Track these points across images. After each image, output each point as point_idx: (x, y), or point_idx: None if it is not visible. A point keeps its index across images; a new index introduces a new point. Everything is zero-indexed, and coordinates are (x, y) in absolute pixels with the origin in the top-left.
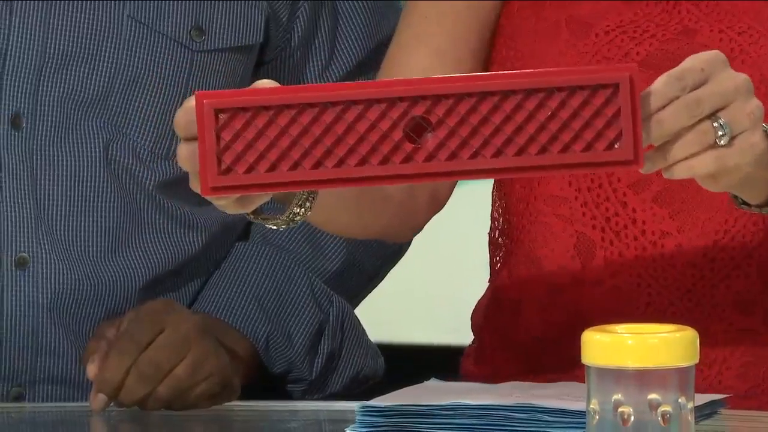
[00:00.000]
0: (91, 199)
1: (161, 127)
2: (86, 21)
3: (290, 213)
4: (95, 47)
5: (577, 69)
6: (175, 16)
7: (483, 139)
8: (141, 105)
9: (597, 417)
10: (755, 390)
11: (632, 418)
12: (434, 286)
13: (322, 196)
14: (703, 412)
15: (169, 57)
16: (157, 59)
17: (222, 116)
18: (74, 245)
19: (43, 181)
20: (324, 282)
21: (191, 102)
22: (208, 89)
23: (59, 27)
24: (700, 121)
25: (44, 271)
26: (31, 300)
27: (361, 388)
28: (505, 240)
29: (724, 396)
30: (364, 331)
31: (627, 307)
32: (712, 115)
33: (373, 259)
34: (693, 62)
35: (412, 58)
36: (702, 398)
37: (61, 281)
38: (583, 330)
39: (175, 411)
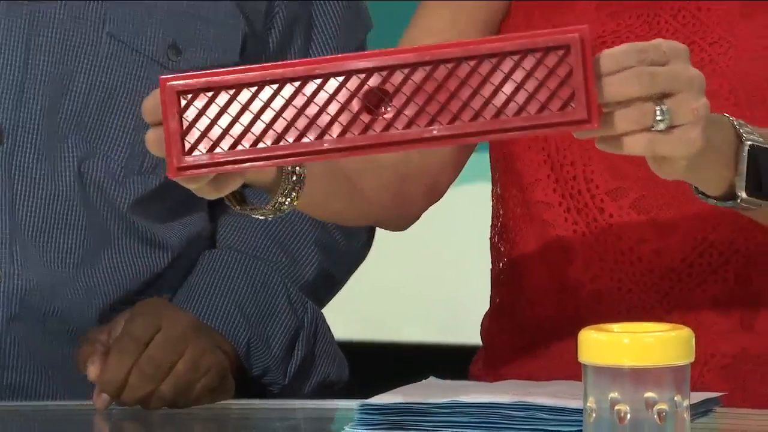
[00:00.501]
0: (63, 216)
1: (135, 145)
2: (67, 37)
3: (276, 202)
4: (73, 63)
5: (529, 33)
6: (153, 34)
7: (439, 107)
8: (115, 122)
9: (594, 415)
10: (737, 390)
11: (629, 416)
12: (430, 285)
13: (311, 184)
14: (699, 410)
15: (145, 75)
16: (132, 77)
17: (184, 98)
18: (45, 262)
19: (20, 197)
20: (298, 289)
21: (158, 89)
22: None
23: (40, 43)
24: (645, 101)
25: (15, 286)
26: (1, 315)
27: (327, 393)
28: (504, 245)
29: (719, 394)
30: (333, 337)
31: (608, 310)
32: (658, 99)
33: (341, 267)
34: (659, 42)
35: None
36: (697, 396)
37: (30, 297)
38: (571, 333)
39: (177, 409)
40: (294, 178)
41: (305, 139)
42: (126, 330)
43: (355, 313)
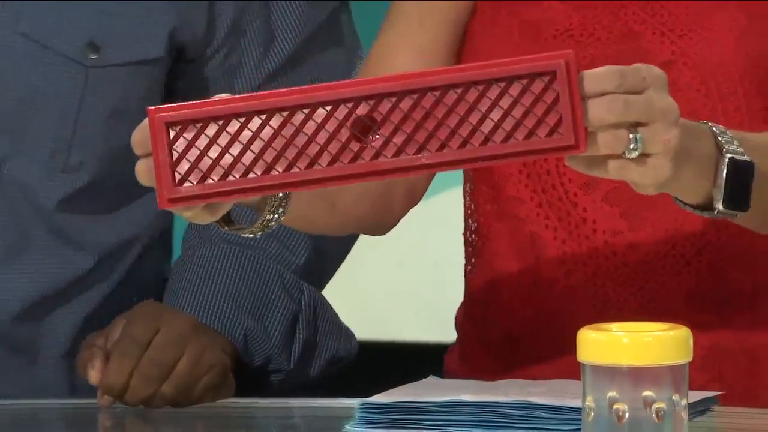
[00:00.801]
0: None
1: (58, 142)
2: None
3: (264, 219)
4: None
5: (515, 59)
6: (68, 33)
7: (427, 134)
8: (36, 121)
9: (592, 414)
10: (714, 381)
11: (627, 415)
12: (430, 285)
13: (296, 199)
14: (697, 409)
15: (63, 73)
16: (50, 76)
17: (173, 129)
18: None
19: None
20: (293, 273)
21: (146, 120)
22: (107, 102)
23: None
24: (618, 128)
25: None
26: None
27: (337, 368)
28: (477, 241)
29: (717, 393)
30: (335, 313)
31: (583, 305)
32: (632, 127)
33: (336, 245)
34: (639, 67)
35: (397, 57)
36: (695, 395)
37: None
38: (546, 328)
39: (180, 408)
40: (281, 195)
41: (295, 169)
42: (126, 332)
43: (356, 313)
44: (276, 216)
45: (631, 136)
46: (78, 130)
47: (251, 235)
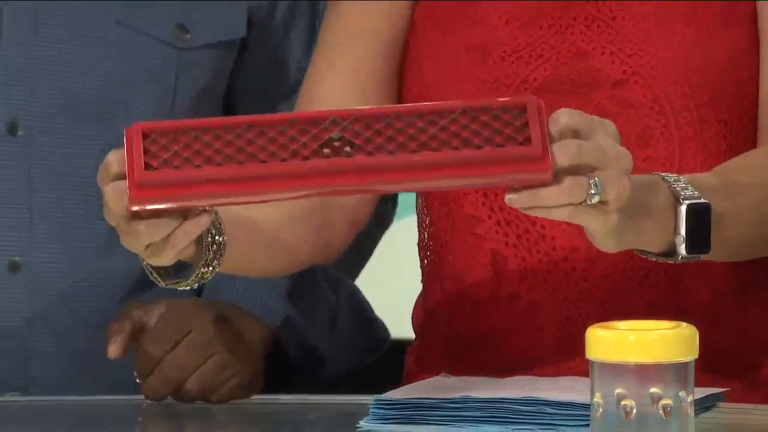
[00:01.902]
0: (85, 204)
1: None
2: (75, 28)
3: (198, 272)
4: (86, 53)
5: (487, 99)
6: (159, 17)
7: (398, 144)
8: (136, 107)
9: (601, 410)
10: None
11: (635, 411)
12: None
13: (232, 249)
14: (702, 405)
15: (157, 57)
16: (145, 60)
17: (148, 134)
18: (66, 249)
19: (38, 187)
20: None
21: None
22: (196, 83)
23: (49, 35)
24: (576, 173)
25: (35, 274)
26: (22, 304)
27: (371, 359)
28: (432, 251)
29: (723, 390)
30: (369, 306)
31: (547, 320)
32: (588, 173)
33: (366, 238)
34: (596, 119)
35: (327, 84)
36: (701, 392)
37: (52, 284)
38: (507, 342)
39: (208, 403)
40: (214, 248)
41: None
42: (156, 328)
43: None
44: (210, 268)
45: (590, 181)
46: (175, 113)
47: (187, 287)
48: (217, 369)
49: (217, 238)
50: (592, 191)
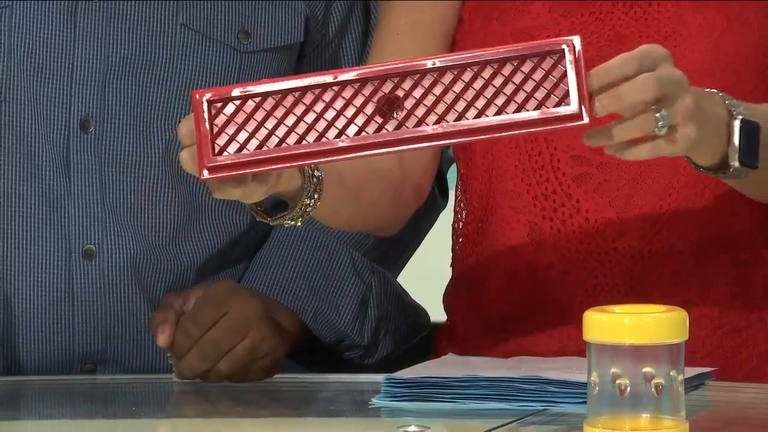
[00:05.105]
0: (153, 194)
1: None
2: (143, 30)
3: (302, 204)
4: (153, 54)
5: (527, 43)
6: (223, 21)
7: (445, 107)
8: None
9: (597, 388)
10: (695, 355)
11: (629, 389)
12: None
13: (326, 189)
14: (692, 384)
15: (220, 60)
16: (209, 62)
17: (214, 107)
18: (137, 237)
19: (109, 180)
20: (363, 255)
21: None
22: None
23: (119, 37)
24: (645, 108)
25: (109, 261)
26: (97, 288)
27: (412, 343)
28: (469, 230)
29: (712, 369)
30: (406, 293)
31: (577, 288)
32: (654, 105)
33: (406, 228)
34: (648, 48)
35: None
36: (691, 371)
37: (124, 271)
38: (540, 309)
39: (233, 383)
40: (314, 180)
41: (324, 140)
42: (195, 309)
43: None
44: (313, 200)
45: (657, 114)
46: None
47: (292, 222)
48: (249, 350)
49: (315, 172)
50: (660, 123)
